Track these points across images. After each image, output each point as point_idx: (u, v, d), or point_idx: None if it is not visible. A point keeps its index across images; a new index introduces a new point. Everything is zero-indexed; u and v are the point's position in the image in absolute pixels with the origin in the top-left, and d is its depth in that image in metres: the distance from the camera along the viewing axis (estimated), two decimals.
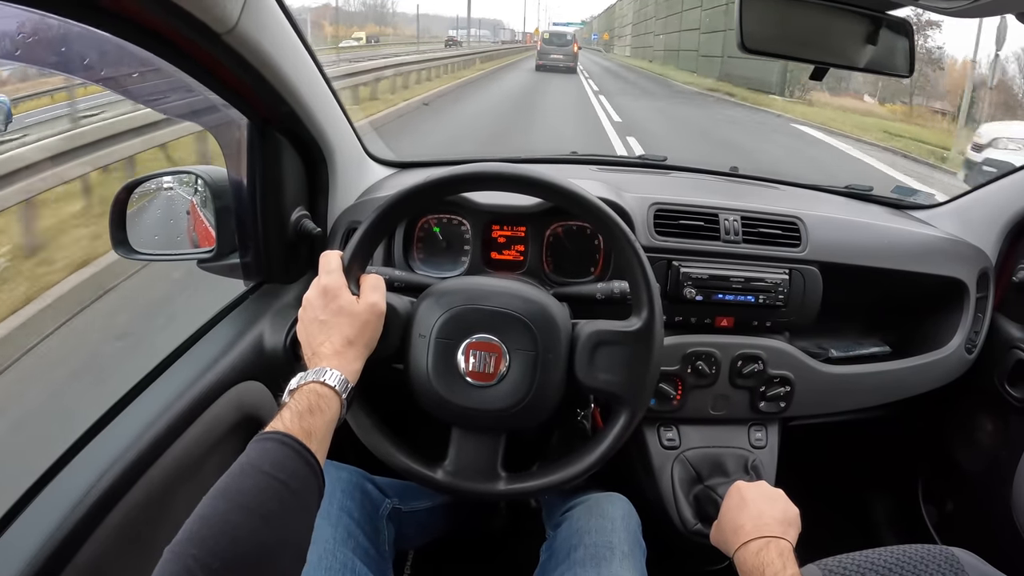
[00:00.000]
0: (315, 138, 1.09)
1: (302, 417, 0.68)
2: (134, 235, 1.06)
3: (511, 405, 0.84)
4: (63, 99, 4.16)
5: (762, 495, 0.88)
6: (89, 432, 0.81)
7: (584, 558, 0.95)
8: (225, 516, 0.58)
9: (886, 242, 1.26)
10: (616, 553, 0.96)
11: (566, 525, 1.04)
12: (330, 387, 0.72)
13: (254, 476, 0.62)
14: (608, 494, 1.09)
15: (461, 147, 8.45)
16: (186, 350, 0.97)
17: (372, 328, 0.80)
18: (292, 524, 0.62)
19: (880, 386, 1.26)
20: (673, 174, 1.51)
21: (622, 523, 1.03)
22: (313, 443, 0.67)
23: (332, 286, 0.80)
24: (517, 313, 0.84)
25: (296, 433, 0.66)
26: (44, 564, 0.66)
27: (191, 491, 0.87)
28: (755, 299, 1.16)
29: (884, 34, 1.00)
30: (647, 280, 0.85)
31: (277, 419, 0.68)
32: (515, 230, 1.15)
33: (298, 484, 0.63)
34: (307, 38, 1.00)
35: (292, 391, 0.72)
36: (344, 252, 0.84)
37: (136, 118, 3.78)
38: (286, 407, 0.69)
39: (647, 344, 0.85)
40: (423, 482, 0.87)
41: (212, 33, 0.79)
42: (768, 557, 0.78)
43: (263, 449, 0.65)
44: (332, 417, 0.72)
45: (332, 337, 0.77)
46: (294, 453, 0.65)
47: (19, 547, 0.66)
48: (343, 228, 1.18)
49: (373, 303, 0.81)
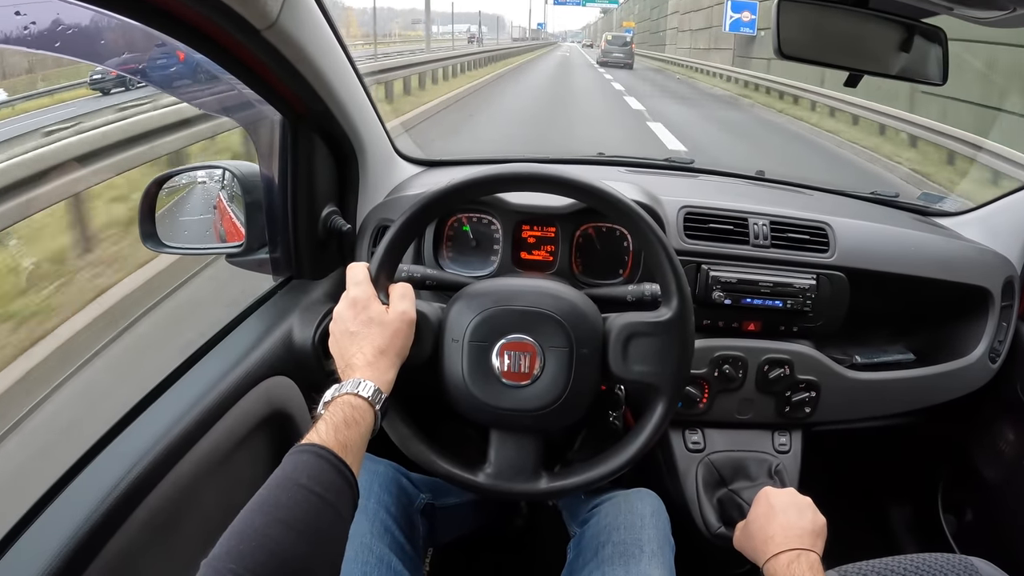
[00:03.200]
0: (347, 135, 1.09)
1: (338, 430, 0.68)
2: (163, 229, 1.07)
3: (548, 403, 0.84)
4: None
5: (792, 504, 0.87)
6: (119, 425, 0.81)
7: (612, 555, 0.95)
8: (263, 530, 0.58)
9: (913, 249, 1.25)
10: (645, 551, 0.95)
11: (593, 522, 1.04)
12: (364, 398, 0.73)
13: (291, 489, 0.62)
14: (637, 490, 1.08)
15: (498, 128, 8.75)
16: (215, 344, 0.97)
17: (403, 336, 0.80)
18: (328, 537, 0.63)
19: (905, 394, 1.26)
20: (700, 177, 1.51)
21: (651, 520, 1.02)
22: (349, 456, 0.67)
23: (361, 297, 0.80)
24: (549, 311, 0.84)
25: (332, 446, 0.66)
26: (71, 557, 0.66)
27: (219, 485, 0.88)
28: (783, 304, 1.15)
29: (918, 41, 1.00)
30: (675, 271, 0.85)
31: (312, 431, 0.68)
32: (545, 230, 1.15)
33: (334, 497, 0.64)
34: (342, 35, 1.00)
35: (327, 403, 0.73)
36: (371, 262, 0.84)
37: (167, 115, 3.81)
38: (321, 419, 0.70)
39: (680, 332, 0.85)
40: (466, 486, 0.87)
41: (252, 29, 0.79)
42: (799, 570, 0.78)
43: (300, 462, 0.65)
44: (367, 429, 0.72)
45: (364, 348, 0.77)
46: (330, 466, 0.65)
47: (46, 540, 0.67)
48: (372, 226, 1.19)
49: (403, 311, 0.81)
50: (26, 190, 2.62)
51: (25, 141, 3.13)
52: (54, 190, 2.80)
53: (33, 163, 2.73)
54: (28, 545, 0.67)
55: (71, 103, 4.12)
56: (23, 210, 2.61)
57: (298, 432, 1.02)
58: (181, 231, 1.11)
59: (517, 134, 9.26)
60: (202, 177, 1.17)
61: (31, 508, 0.71)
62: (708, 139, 9.37)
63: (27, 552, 0.66)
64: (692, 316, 0.86)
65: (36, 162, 2.75)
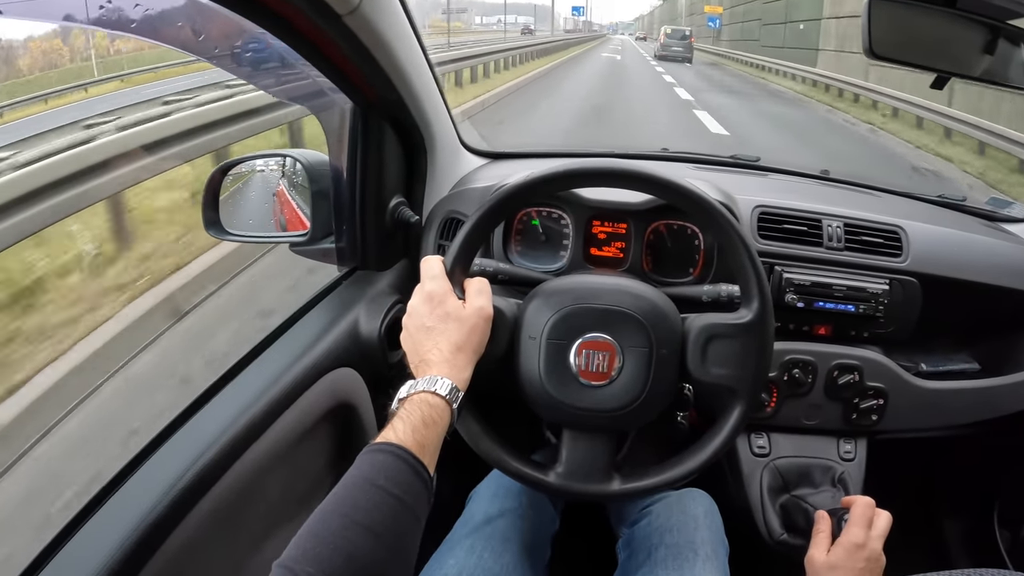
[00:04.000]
0: (418, 125, 1.08)
1: (416, 429, 0.66)
2: (226, 216, 1.06)
3: (625, 404, 0.82)
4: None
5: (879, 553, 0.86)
6: (183, 415, 0.81)
7: (666, 558, 0.93)
8: (341, 533, 0.57)
9: (985, 256, 1.22)
10: (700, 554, 0.93)
11: (644, 523, 1.01)
12: (442, 397, 0.71)
13: (368, 491, 0.61)
14: (689, 490, 1.06)
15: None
16: (281, 335, 0.97)
17: (480, 332, 0.78)
18: (404, 539, 0.61)
19: (973, 404, 1.22)
20: (768, 176, 1.48)
21: (705, 521, 1.00)
22: (426, 456, 0.65)
23: (437, 292, 0.78)
24: (629, 310, 0.82)
25: (410, 446, 0.64)
26: (133, 549, 0.65)
27: (283, 478, 0.87)
28: (855, 308, 1.13)
29: (1002, 44, 0.97)
30: (757, 272, 0.83)
31: (389, 429, 0.66)
32: (616, 226, 1.13)
33: (412, 499, 0.62)
34: (417, 25, 0.99)
35: (402, 400, 0.71)
36: (446, 256, 0.83)
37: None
38: (398, 417, 0.68)
39: (760, 336, 0.83)
40: (536, 485, 0.86)
41: (333, 14, 0.78)
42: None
43: (376, 462, 0.63)
44: (443, 429, 0.70)
45: (440, 344, 0.75)
46: (408, 467, 0.63)
47: (108, 531, 0.66)
48: (439, 218, 1.18)
49: (480, 307, 0.79)
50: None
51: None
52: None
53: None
54: (89, 536, 0.67)
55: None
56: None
57: (362, 425, 1.01)
58: (245, 219, 1.10)
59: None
60: (261, 166, 1.17)
61: (93, 498, 0.71)
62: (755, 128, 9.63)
63: (88, 543, 0.66)
64: (772, 319, 0.84)
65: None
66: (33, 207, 2.31)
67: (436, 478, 0.68)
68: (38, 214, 2.32)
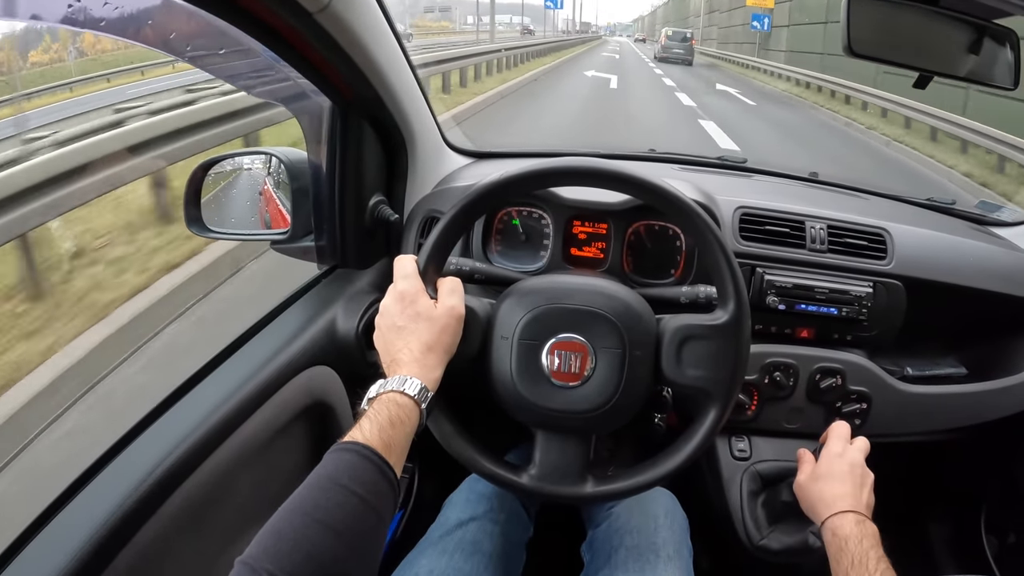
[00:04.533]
0: (397, 124, 1.08)
1: (383, 429, 0.66)
2: (208, 214, 1.07)
3: (598, 406, 0.81)
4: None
5: (866, 471, 0.92)
6: (156, 411, 0.81)
7: (626, 560, 0.92)
8: (301, 531, 0.57)
9: (973, 260, 1.21)
10: (661, 555, 0.93)
11: (606, 525, 1.01)
12: (410, 397, 0.70)
13: (331, 490, 0.60)
14: (651, 490, 1.06)
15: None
16: (257, 332, 0.97)
17: (451, 332, 0.78)
18: (367, 540, 0.61)
19: (957, 409, 1.21)
20: (754, 177, 1.47)
21: (666, 521, 0.99)
22: (392, 456, 0.65)
23: (409, 291, 0.78)
24: (602, 311, 0.82)
25: (376, 446, 0.64)
26: (100, 544, 0.65)
27: (256, 476, 0.87)
28: (838, 311, 1.12)
29: (987, 44, 0.96)
30: (733, 273, 0.82)
31: (356, 429, 0.66)
32: (596, 227, 1.13)
33: (375, 499, 0.62)
34: (394, 22, 0.99)
35: (371, 399, 0.71)
36: (420, 255, 0.82)
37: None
38: (365, 417, 0.67)
39: (736, 337, 0.82)
40: (508, 486, 0.85)
41: (304, 11, 0.78)
42: (869, 530, 0.83)
43: (341, 461, 0.63)
44: (411, 429, 0.70)
45: (410, 343, 0.75)
46: (373, 467, 0.63)
47: (76, 525, 0.66)
48: (420, 217, 1.17)
49: (452, 306, 0.78)
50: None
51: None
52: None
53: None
54: (57, 530, 0.67)
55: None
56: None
57: (338, 424, 1.01)
58: (227, 217, 1.10)
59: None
60: (248, 163, 1.17)
61: (64, 491, 0.71)
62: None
63: (56, 537, 0.66)
64: (749, 321, 0.83)
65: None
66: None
67: (418, 483, 0.67)
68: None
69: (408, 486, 1.35)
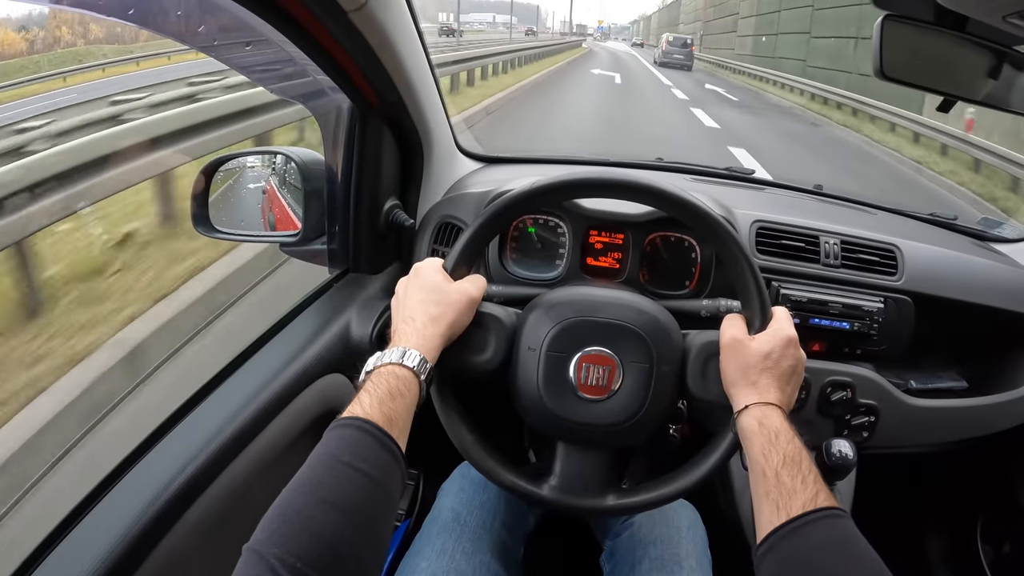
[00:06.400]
0: (416, 128, 1.06)
1: (382, 402, 0.64)
2: (216, 214, 1.03)
3: (623, 420, 0.80)
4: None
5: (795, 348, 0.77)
6: (168, 422, 0.79)
7: (650, 570, 0.92)
8: (305, 512, 0.55)
9: (979, 277, 1.23)
10: (684, 566, 0.92)
11: (627, 535, 1.00)
12: (409, 368, 0.68)
13: (333, 467, 0.58)
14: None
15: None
16: (270, 339, 0.94)
17: (458, 311, 0.76)
18: (374, 516, 0.59)
19: (960, 422, 1.22)
20: (766, 190, 1.48)
21: (689, 533, 0.99)
22: (394, 429, 0.63)
23: (427, 266, 0.78)
24: (632, 325, 0.81)
25: (377, 419, 0.62)
26: (118, 561, 0.63)
27: (271, 486, 0.84)
28: (850, 326, 1.13)
29: (1006, 69, 0.98)
30: (760, 290, 0.81)
31: (355, 403, 0.64)
32: (613, 237, 1.12)
33: (380, 473, 0.60)
34: (420, 25, 0.97)
35: (369, 373, 0.68)
36: (446, 260, 0.81)
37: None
38: (364, 391, 0.65)
39: None
40: (528, 498, 0.84)
41: (340, 10, 0.76)
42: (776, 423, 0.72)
43: (341, 437, 0.61)
44: (412, 401, 0.68)
45: (416, 313, 0.74)
46: (375, 441, 0.61)
47: (93, 541, 0.64)
48: (434, 222, 1.16)
49: (466, 289, 0.77)
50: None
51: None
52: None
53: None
54: (73, 547, 0.65)
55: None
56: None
57: None
58: (236, 217, 1.07)
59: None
60: (252, 163, 1.14)
61: (76, 507, 0.69)
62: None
63: (72, 554, 0.64)
64: None
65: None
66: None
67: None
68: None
69: (413, 493, 1.33)
